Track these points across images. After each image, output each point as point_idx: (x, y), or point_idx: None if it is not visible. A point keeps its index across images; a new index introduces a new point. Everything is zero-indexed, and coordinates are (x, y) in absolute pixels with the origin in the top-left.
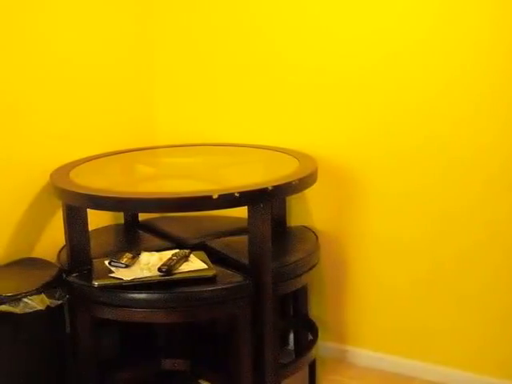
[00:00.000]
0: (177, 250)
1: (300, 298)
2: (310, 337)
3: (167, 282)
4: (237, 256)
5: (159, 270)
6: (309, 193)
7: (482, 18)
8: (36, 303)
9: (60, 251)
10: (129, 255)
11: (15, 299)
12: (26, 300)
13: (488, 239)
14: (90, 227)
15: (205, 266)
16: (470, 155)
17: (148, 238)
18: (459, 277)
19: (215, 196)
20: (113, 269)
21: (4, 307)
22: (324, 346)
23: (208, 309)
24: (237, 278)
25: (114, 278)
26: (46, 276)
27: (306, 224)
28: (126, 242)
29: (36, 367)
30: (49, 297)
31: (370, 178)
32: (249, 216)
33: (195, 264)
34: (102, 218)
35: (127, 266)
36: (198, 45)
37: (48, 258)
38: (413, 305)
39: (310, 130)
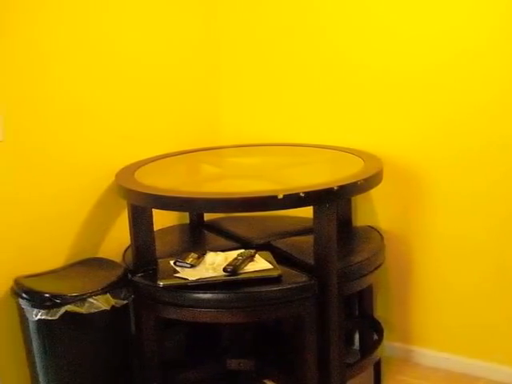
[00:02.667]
0: (242, 250)
1: (365, 297)
2: (376, 337)
3: (232, 282)
4: (302, 256)
5: (224, 270)
6: (374, 193)
7: None
8: (101, 303)
9: (125, 251)
10: (194, 255)
11: (81, 299)
12: (91, 300)
13: None
14: (156, 227)
15: (270, 266)
16: None
17: (213, 237)
18: None
19: (280, 196)
20: (178, 269)
21: (70, 307)
22: (389, 346)
23: (273, 309)
24: (302, 278)
25: (179, 278)
26: (112, 276)
27: (371, 224)
28: (191, 241)
29: (101, 367)
30: (114, 297)
31: (436, 178)
32: (314, 216)
33: (260, 264)
34: (168, 218)
35: (192, 266)
36: (263, 46)
37: (113, 258)
38: (478, 305)
39: (376, 130)
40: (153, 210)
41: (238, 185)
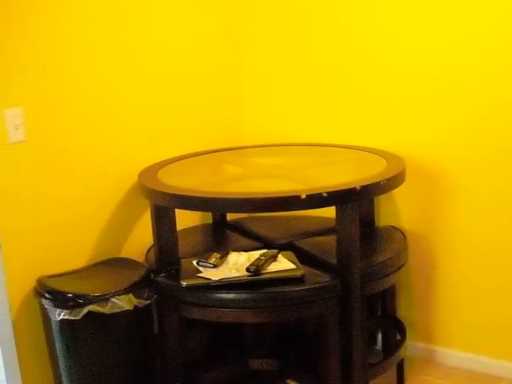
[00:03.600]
0: (265, 250)
1: (388, 297)
2: (398, 337)
3: (255, 282)
4: (325, 256)
5: (247, 270)
6: (397, 193)
7: None
8: (124, 303)
9: (148, 251)
10: (217, 255)
11: (103, 299)
12: (114, 300)
13: None
14: (178, 227)
15: (293, 266)
16: None
17: (236, 237)
18: None
19: (303, 196)
20: (201, 269)
21: (92, 307)
22: (412, 346)
23: (296, 309)
24: (325, 278)
25: (202, 278)
26: (134, 276)
27: (394, 224)
28: (214, 241)
29: (124, 367)
30: (137, 297)
31: (459, 178)
32: (337, 216)
33: (283, 264)
34: (190, 218)
35: (215, 266)
36: (286, 45)
37: (136, 258)
38: (501, 304)
39: (398, 130)
40: (175, 209)
41: (261, 185)
